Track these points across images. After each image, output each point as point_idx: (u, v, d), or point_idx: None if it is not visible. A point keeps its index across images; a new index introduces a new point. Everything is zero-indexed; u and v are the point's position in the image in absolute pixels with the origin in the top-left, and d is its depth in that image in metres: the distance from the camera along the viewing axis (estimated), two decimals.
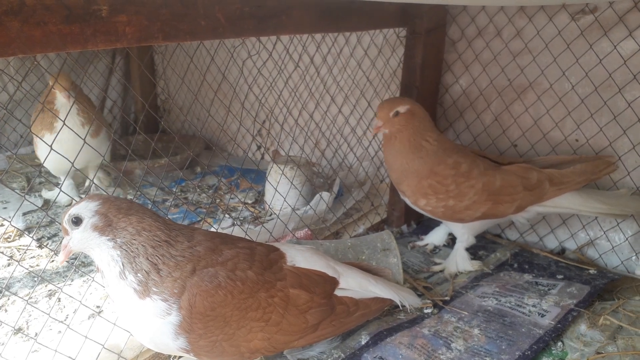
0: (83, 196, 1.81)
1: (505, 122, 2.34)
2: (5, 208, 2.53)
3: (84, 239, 1.23)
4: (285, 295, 1.35)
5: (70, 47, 1.21)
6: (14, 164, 2.88)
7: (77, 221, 1.23)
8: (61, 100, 2.31)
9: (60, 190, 1.67)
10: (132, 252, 1.21)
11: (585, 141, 2.16)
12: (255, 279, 1.31)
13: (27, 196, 2.54)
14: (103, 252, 1.22)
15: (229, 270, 1.28)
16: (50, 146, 1.44)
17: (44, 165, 2.25)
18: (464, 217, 2.00)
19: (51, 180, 2.64)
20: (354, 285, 1.51)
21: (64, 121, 1.55)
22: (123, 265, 1.21)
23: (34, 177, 2.80)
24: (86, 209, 1.23)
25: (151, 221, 1.25)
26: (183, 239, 1.28)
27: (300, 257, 1.46)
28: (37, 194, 2.61)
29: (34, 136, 2.39)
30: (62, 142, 1.79)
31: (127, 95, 3.67)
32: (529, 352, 1.61)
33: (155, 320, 1.24)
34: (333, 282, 1.47)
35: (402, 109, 1.97)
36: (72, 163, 1.48)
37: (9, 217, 2.29)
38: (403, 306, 1.63)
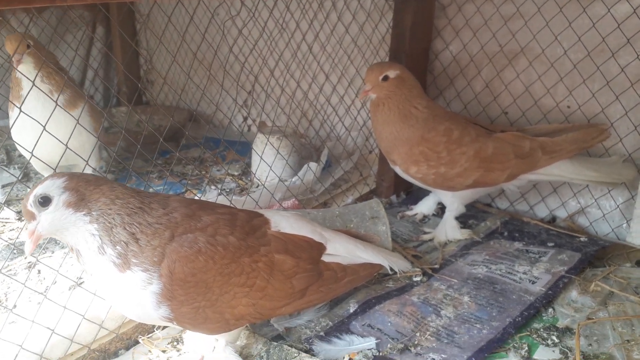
0: None
1: (496, 89, 2.29)
2: None
3: (56, 219, 1.13)
4: (269, 260, 1.31)
5: (37, 1, 1.14)
6: None
7: (44, 201, 1.13)
8: (14, 65, 1.93)
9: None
10: (108, 223, 1.15)
11: (577, 107, 2.12)
12: (237, 244, 1.27)
13: (5, 168, 2.46)
14: (80, 229, 1.15)
15: (209, 236, 1.24)
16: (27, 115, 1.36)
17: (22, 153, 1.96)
18: (454, 185, 1.96)
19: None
20: (341, 251, 1.48)
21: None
22: (101, 238, 1.14)
23: (14, 149, 2.72)
24: (53, 186, 1.14)
25: (122, 189, 1.19)
26: (157, 205, 1.22)
27: (285, 223, 1.42)
28: (16, 166, 2.53)
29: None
30: (30, 116, 1.45)
31: (109, 67, 3.56)
32: (520, 318, 1.60)
33: (137, 291, 1.19)
34: (320, 248, 1.43)
35: (391, 73, 1.91)
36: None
37: None
38: (393, 271, 1.59)
